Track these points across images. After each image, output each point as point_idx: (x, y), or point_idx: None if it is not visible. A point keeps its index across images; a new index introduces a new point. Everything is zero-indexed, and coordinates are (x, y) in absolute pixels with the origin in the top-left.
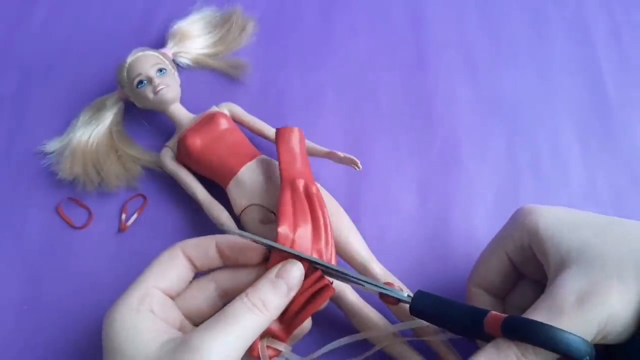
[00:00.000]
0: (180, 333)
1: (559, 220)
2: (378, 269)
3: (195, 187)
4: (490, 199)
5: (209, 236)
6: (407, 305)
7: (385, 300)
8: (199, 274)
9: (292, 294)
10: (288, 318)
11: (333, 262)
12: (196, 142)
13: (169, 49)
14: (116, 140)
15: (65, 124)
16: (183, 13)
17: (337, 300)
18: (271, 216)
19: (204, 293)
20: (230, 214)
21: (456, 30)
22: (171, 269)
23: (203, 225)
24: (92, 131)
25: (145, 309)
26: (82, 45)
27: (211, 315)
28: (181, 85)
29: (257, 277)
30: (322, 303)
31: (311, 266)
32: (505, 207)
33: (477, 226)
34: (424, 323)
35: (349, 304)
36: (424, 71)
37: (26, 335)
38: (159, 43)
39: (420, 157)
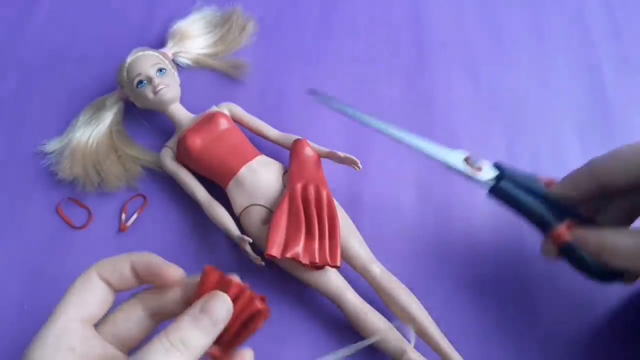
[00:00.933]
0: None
1: None
2: (378, 270)
3: (195, 187)
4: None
5: (124, 255)
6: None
7: None
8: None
9: (218, 330)
10: (225, 341)
11: (334, 261)
12: (196, 142)
13: (169, 49)
14: (116, 140)
15: (65, 124)
16: (183, 13)
17: (338, 301)
18: (271, 216)
19: (132, 315)
20: (230, 214)
21: (456, 30)
22: (88, 295)
23: (203, 225)
24: (92, 131)
25: (64, 347)
26: (82, 45)
27: (143, 338)
28: (181, 85)
29: (183, 299)
30: (256, 328)
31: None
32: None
33: (477, 226)
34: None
35: (349, 305)
36: (424, 71)
37: (26, 335)
38: (159, 43)
39: (420, 157)
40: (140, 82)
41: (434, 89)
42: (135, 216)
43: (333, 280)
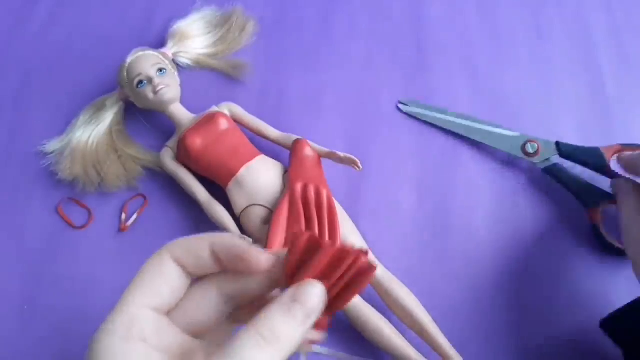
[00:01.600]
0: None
1: None
2: (378, 270)
3: (195, 187)
4: (490, 199)
5: (202, 235)
6: None
7: None
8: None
9: (311, 321)
10: (328, 305)
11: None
12: (196, 142)
13: (169, 49)
14: (116, 140)
15: (65, 124)
16: (183, 13)
17: None
18: (271, 216)
19: (205, 299)
20: (230, 214)
21: (456, 30)
22: (161, 281)
23: (203, 225)
24: (92, 131)
25: (135, 337)
26: (83, 45)
27: (214, 325)
28: (181, 85)
29: (268, 282)
30: (363, 286)
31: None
32: (505, 208)
33: (478, 227)
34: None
35: (350, 306)
36: (424, 71)
37: (26, 335)
38: (159, 43)
39: (421, 157)
40: (141, 82)
41: (434, 89)
42: (135, 216)
43: None
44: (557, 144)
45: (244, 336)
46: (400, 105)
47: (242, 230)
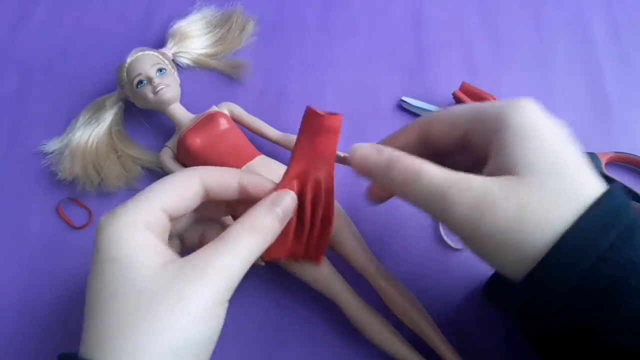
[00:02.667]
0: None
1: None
2: (377, 270)
3: None
4: None
5: (231, 170)
6: None
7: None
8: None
9: (286, 219)
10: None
11: (317, 261)
12: (196, 142)
13: (169, 49)
14: (116, 140)
15: (65, 124)
16: (183, 13)
17: (338, 301)
18: None
19: (191, 193)
20: None
21: (456, 30)
22: (180, 192)
23: None
24: (92, 131)
25: (149, 229)
26: (82, 45)
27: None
28: (181, 85)
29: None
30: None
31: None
32: None
33: None
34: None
35: (350, 304)
36: (424, 71)
37: (26, 335)
38: (159, 43)
39: None
40: (140, 82)
41: (433, 89)
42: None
43: (333, 280)
44: None
45: (237, 226)
46: (403, 103)
47: None
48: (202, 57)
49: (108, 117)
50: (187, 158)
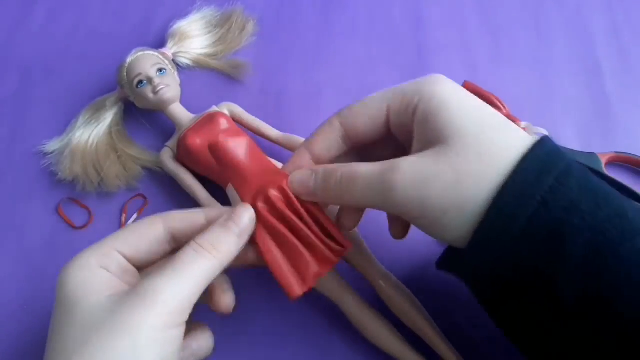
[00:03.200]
0: None
1: (459, 104)
2: (378, 270)
3: (195, 187)
4: None
5: (196, 210)
6: None
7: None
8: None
9: (245, 237)
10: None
11: (347, 246)
12: (196, 142)
13: (169, 49)
14: (116, 140)
15: (65, 124)
16: (183, 13)
17: (338, 302)
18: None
19: (153, 234)
20: None
21: (456, 30)
22: (143, 238)
23: None
24: (92, 131)
25: (101, 267)
26: (82, 45)
27: (154, 261)
28: (181, 85)
29: (208, 220)
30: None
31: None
32: None
33: None
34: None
35: (350, 305)
36: (424, 71)
37: (26, 335)
38: (159, 43)
39: None
40: (140, 82)
41: None
42: (135, 216)
43: (333, 280)
44: None
45: (187, 248)
46: None
47: None
48: (202, 57)
49: (108, 117)
50: (187, 158)
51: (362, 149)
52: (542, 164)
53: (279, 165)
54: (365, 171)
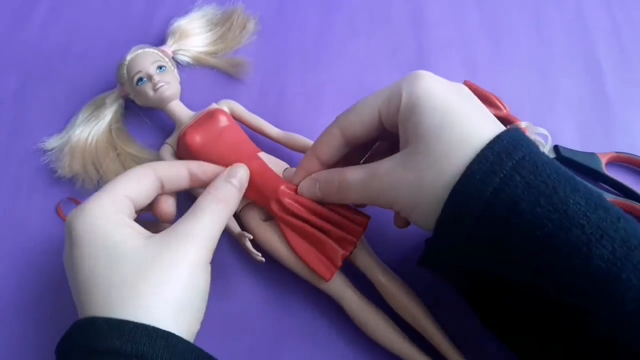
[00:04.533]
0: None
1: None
2: (379, 267)
3: None
4: None
5: (180, 161)
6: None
7: None
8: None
9: (243, 190)
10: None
11: (365, 222)
12: (196, 139)
13: (169, 47)
14: (115, 138)
15: (65, 121)
16: (183, 11)
17: (339, 299)
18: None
19: (147, 182)
20: None
21: (456, 30)
22: (142, 184)
23: None
24: (92, 129)
25: (121, 213)
26: (82, 42)
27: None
28: (181, 83)
29: (191, 174)
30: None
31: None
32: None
33: None
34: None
35: (351, 302)
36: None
37: (25, 334)
38: (159, 41)
39: None
40: (140, 79)
41: None
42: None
43: (334, 277)
44: (556, 147)
45: (202, 199)
46: None
47: (243, 227)
48: (202, 55)
49: (108, 114)
50: (187, 155)
51: (364, 145)
52: (490, 164)
53: (279, 162)
54: (353, 179)
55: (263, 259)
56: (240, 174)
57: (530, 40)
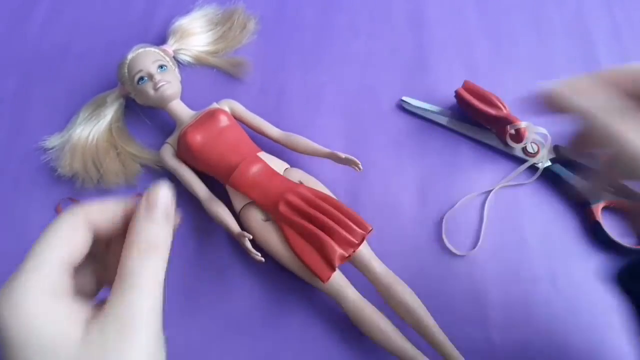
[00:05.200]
0: (88, 302)
1: None
2: (377, 266)
3: (195, 184)
4: (490, 199)
5: (113, 200)
6: None
7: None
8: None
9: (171, 217)
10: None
11: (366, 229)
12: (196, 138)
13: (170, 46)
14: (116, 137)
15: (65, 120)
16: (184, 10)
17: (338, 298)
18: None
19: (80, 235)
20: (230, 210)
21: (456, 30)
22: (75, 238)
23: (203, 223)
24: (92, 127)
25: (54, 293)
26: (83, 42)
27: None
28: (181, 82)
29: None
30: None
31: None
32: (506, 208)
33: (477, 226)
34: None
35: (349, 302)
36: (424, 71)
37: None
38: (160, 40)
39: (421, 155)
40: (141, 78)
41: (434, 89)
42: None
43: (333, 277)
44: (556, 147)
45: (129, 257)
46: (403, 103)
47: (242, 226)
48: (202, 54)
49: (109, 113)
50: (188, 155)
51: None
52: None
53: (279, 161)
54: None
55: (263, 259)
56: (161, 200)
57: (530, 40)
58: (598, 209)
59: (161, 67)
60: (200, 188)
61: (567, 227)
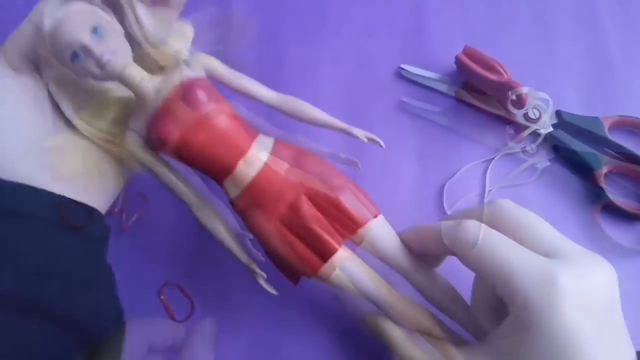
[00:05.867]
0: None
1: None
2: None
3: (179, 187)
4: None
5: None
6: None
7: None
8: None
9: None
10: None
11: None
12: (172, 133)
13: None
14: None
15: None
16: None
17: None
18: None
19: None
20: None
21: (458, 30)
22: None
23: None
24: None
25: None
26: None
27: None
28: (126, 36)
29: None
30: None
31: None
32: (508, 195)
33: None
34: None
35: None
36: (423, 38)
37: None
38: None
39: (421, 125)
40: (75, 54)
41: (433, 56)
42: (135, 216)
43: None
44: (558, 112)
45: None
46: (402, 71)
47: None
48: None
49: None
50: (162, 150)
51: None
52: None
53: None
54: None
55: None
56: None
57: (531, 3)
58: (601, 174)
59: (95, 30)
60: (186, 192)
61: (567, 228)
